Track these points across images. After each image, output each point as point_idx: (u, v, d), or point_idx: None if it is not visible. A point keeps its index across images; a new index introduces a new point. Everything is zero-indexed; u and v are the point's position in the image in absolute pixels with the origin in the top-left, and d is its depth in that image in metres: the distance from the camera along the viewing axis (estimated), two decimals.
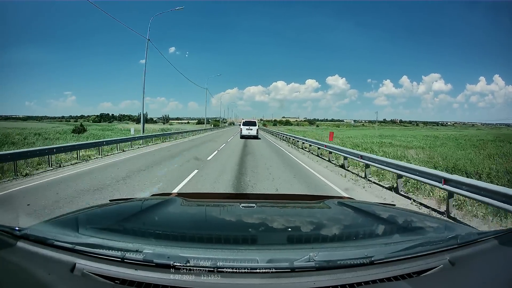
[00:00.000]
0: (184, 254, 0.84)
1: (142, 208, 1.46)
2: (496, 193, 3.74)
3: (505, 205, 3.58)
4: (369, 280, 0.82)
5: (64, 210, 3.87)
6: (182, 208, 1.48)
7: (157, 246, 0.91)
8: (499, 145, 17.86)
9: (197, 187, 6.26)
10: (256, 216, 1.43)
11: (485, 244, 0.97)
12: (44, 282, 0.77)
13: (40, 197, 5.20)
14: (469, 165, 9.03)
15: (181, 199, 1.55)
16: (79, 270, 0.82)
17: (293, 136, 20.54)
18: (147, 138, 18.26)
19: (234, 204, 1.68)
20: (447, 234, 1.08)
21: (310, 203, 1.78)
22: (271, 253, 0.90)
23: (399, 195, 5.96)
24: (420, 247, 0.94)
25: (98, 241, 0.90)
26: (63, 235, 0.93)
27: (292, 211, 1.62)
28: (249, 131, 24.08)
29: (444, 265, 0.89)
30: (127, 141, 14.84)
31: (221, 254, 0.88)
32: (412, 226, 1.28)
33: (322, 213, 1.54)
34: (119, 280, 0.80)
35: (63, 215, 1.25)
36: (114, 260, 0.83)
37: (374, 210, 1.53)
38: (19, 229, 0.93)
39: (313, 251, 0.86)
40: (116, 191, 5.71)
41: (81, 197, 5.20)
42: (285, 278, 0.81)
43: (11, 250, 0.87)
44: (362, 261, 0.85)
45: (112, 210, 1.45)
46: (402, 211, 1.67)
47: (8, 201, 5.20)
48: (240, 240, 1.10)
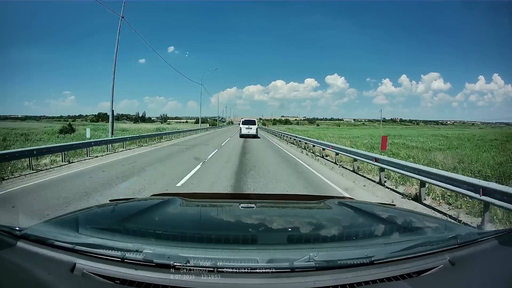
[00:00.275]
0: (184, 254, 0.84)
1: (142, 208, 1.46)
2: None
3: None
4: (369, 280, 0.82)
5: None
6: (182, 208, 1.48)
7: (157, 246, 0.91)
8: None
9: None
10: (256, 216, 1.43)
11: (485, 244, 0.97)
12: (44, 282, 0.77)
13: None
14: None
15: (181, 199, 1.55)
16: (79, 270, 0.82)
17: (308, 140, 15.69)
18: (116, 142, 13.86)
19: (234, 204, 1.68)
20: (447, 234, 1.09)
21: (310, 203, 1.78)
22: (271, 253, 0.90)
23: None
24: (420, 247, 0.94)
25: (98, 241, 0.90)
26: (63, 235, 0.93)
27: (292, 211, 1.62)
28: (249, 130, 23.84)
29: (444, 265, 0.89)
30: (80, 147, 10.83)
31: (221, 254, 0.88)
32: (412, 226, 1.28)
33: (322, 213, 1.54)
34: (119, 280, 0.80)
35: (63, 215, 1.25)
36: (114, 260, 0.83)
37: (374, 210, 1.53)
38: (19, 229, 0.93)
39: (313, 251, 0.86)
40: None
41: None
42: (285, 278, 0.81)
43: (11, 250, 0.87)
44: (362, 261, 0.85)
45: (112, 210, 1.45)
46: (402, 211, 1.67)
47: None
48: (240, 240, 1.10)
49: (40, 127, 35.48)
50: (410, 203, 5.44)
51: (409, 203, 5.48)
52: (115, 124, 18.32)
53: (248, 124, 24.30)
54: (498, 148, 15.25)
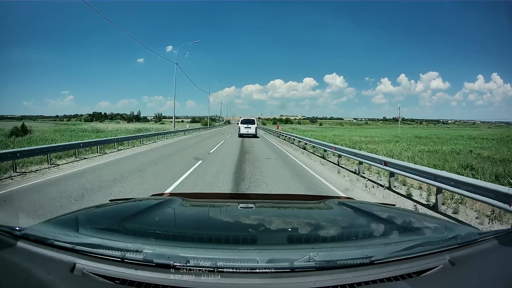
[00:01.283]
0: (184, 254, 0.84)
1: (142, 208, 1.46)
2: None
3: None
4: (369, 280, 0.82)
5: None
6: (182, 208, 1.48)
7: (157, 246, 0.91)
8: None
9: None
10: (256, 216, 1.43)
11: (485, 244, 0.97)
12: (44, 282, 0.77)
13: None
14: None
15: (181, 199, 1.55)
16: (79, 270, 0.82)
17: (338, 149, 10.22)
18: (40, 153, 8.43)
19: (234, 204, 1.68)
20: (447, 234, 1.09)
21: (310, 203, 1.78)
22: (271, 253, 0.90)
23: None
24: (420, 247, 0.94)
25: (98, 241, 0.90)
26: (63, 235, 0.93)
27: (292, 211, 1.62)
28: (248, 129, 23.02)
29: (444, 265, 0.90)
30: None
31: (221, 254, 0.87)
32: (412, 226, 1.28)
33: (322, 213, 1.54)
34: (119, 280, 0.80)
35: (63, 215, 1.25)
36: (114, 260, 0.83)
37: (374, 210, 1.53)
38: (19, 229, 0.92)
39: (313, 251, 0.86)
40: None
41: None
42: (285, 278, 0.81)
43: (11, 250, 0.87)
44: (362, 261, 0.85)
45: (112, 210, 1.45)
46: (402, 211, 1.67)
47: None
48: (240, 240, 1.10)
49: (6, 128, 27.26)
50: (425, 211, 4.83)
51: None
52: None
53: (247, 124, 23.49)
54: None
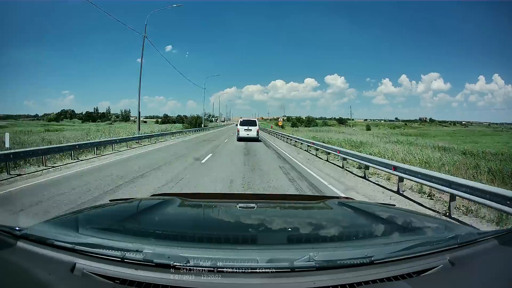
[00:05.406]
0: (184, 254, 0.84)
1: (142, 208, 1.46)
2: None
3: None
4: (369, 280, 0.82)
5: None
6: (182, 208, 1.48)
7: (157, 246, 0.91)
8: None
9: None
10: (256, 216, 1.43)
11: (485, 244, 0.97)
12: (44, 282, 0.77)
13: None
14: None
15: (181, 199, 1.55)
16: (79, 270, 0.82)
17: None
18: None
19: (234, 204, 1.68)
20: (447, 234, 1.09)
21: (310, 203, 1.78)
22: (271, 253, 0.90)
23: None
24: (420, 247, 0.94)
25: (98, 241, 0.90)
26: (63, 235, 0.93)
27: (292, 211, 1.62)
28: (248, 132, 19.60)
29: (444, 265, 0.89)
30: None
31: (221, 254, 0.87)
32: (412, 226, 1.28)
33: (322, 213, 1.54)
34: (119, 280, 0.80)
35: (63, 215, 1.25)
36: (114, 260, 0.83)
37: (374, 210, 1.53)
38: (19, 229, 0.92)
39: (313, 251, 0.86)
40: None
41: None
42: (285, 278, 0.81)
43: (11, 250, 0.87)
44: (362, 261, 0.85)
45: (112, 210, 1.45)
46: (402, 211, 1.67)
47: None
48: (240, 240, 1.10)
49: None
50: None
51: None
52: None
53: (247, 125, 19.99)
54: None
